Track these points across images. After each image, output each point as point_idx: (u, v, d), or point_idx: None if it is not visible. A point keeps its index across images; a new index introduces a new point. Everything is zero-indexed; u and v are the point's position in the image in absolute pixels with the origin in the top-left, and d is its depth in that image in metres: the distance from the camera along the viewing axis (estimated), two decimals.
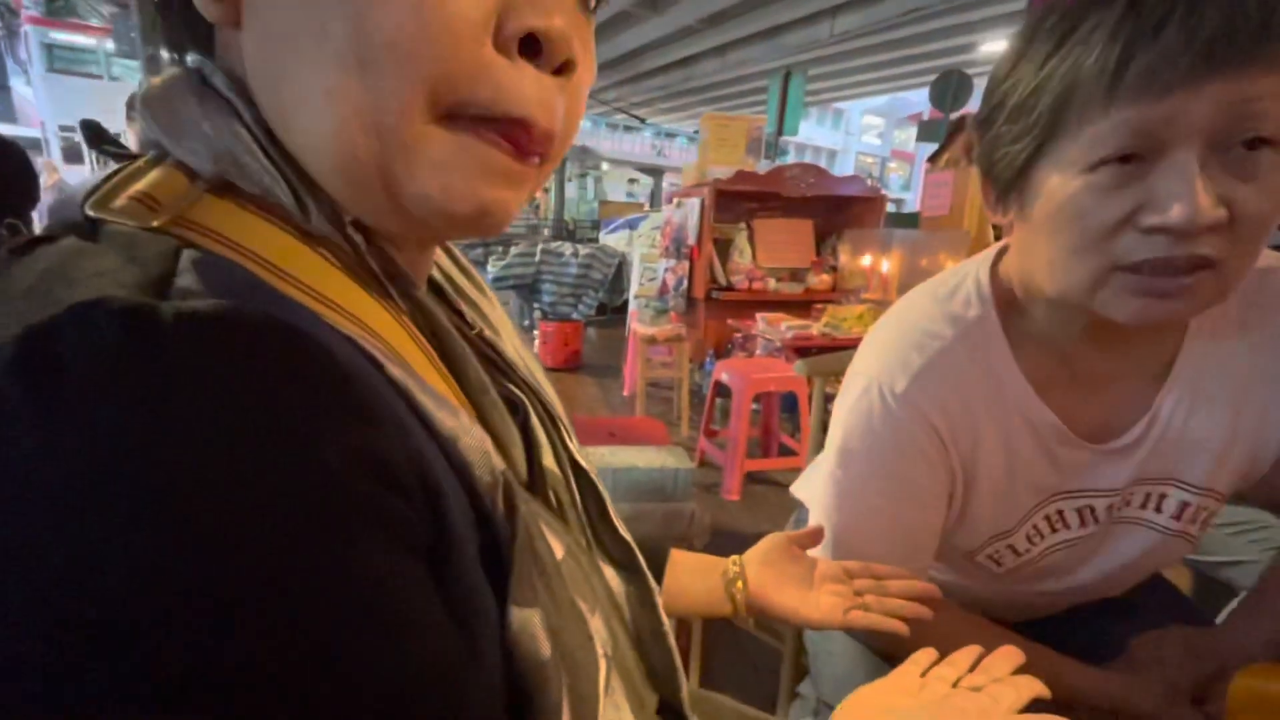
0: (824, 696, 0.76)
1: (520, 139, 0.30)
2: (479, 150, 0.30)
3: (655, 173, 12.11)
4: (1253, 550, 1.08)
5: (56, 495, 0.18)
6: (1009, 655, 0.47)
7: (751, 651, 1.62)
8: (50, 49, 12.78)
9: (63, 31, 12.68)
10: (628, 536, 0.44)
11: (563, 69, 0.31)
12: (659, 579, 0.59)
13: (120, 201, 0.26)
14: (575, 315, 4.98)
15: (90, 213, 0.26)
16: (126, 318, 0.20)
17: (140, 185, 0.27)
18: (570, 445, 0.42)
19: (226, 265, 0.26)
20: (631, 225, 6.35)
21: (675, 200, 3.97)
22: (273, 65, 0.29)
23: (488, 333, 0.41)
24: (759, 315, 3.25)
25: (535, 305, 5.10)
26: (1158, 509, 0.66)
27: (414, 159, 0.29)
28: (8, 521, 0.18)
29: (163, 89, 0.30)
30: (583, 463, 0.42)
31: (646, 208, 8.30)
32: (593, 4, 0.34)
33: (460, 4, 0.27)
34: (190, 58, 0.32)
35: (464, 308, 0.42)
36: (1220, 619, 0.74)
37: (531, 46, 0.30)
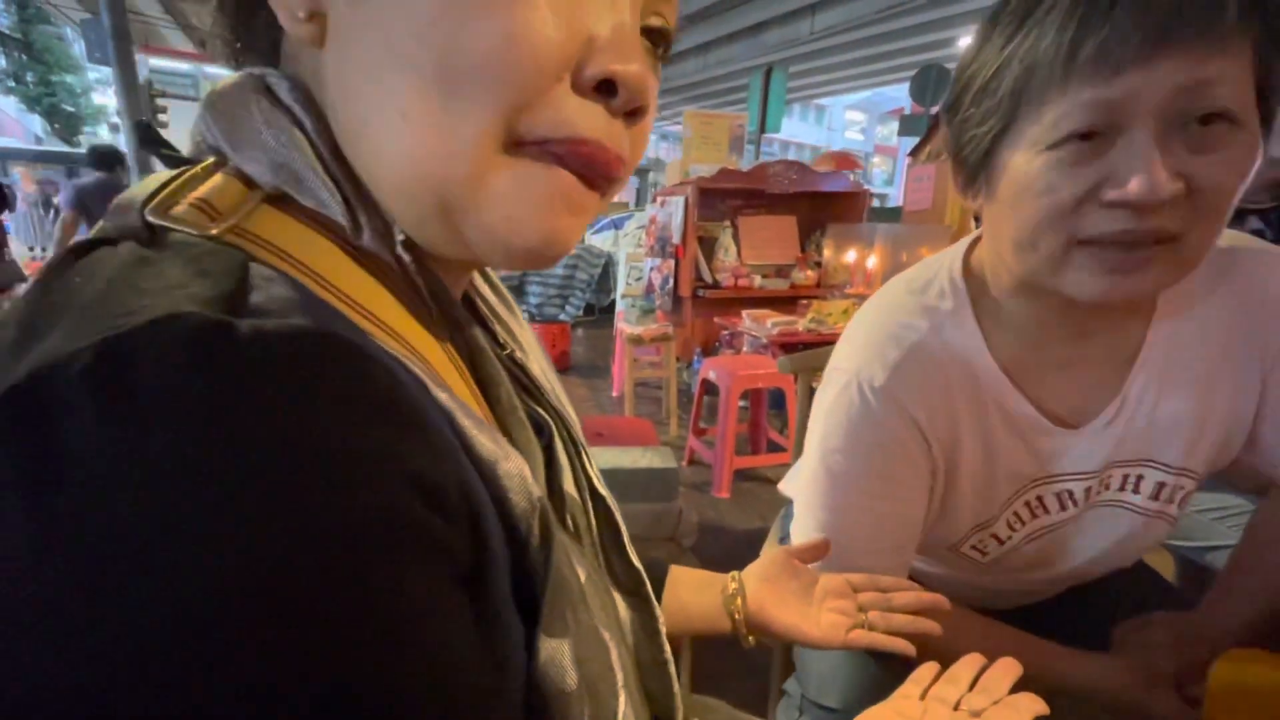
0: (809, 694, 0.76)
1: (595, 157, 0.30)
2: (542, 175, 0.29)
3: (642, 173, 12.07)
4: (1236, 535, 1.09)
5: (120, 513, 0.18)
6: (1008, 669, 0.47)
7: (743, 648, 1.61)
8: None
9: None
10: (639, 565, 0.43)
11: (635, 114, 0.31)
12: (657, 596, 0.58)
13: (180, 208, 0.26)
14: (562, 316, 4.97)
15: (150, 218, 0.25)
16: (205, 335, 0.20)
17: (200, 191, 0.27)
18: (590, 470, 0.42)
19: (294, 283, 0.25)
20: (617, 225, 6.32)
21: (659, 199, 3.97)
22: (351, 85, 0.29)
23: (518, 354, 0.41)
24: (745, 312, 3.26)
25: (522, 307, 5.04)
26: (1135, 490, 0.67)
27: (480, 191, 0.28)
28: (74, 537, 0.18)
29: (225, 95, 0.30)
30: (601, 489, 0.42)
31: (631, 207, 8.28)
32: (660, 52, 0.34)
33: (549, 37, 0.27)
34: (253, 67, 0.32)
35: (496, 328, 0.42)
36: None
37: (607, 89, 0.30)
